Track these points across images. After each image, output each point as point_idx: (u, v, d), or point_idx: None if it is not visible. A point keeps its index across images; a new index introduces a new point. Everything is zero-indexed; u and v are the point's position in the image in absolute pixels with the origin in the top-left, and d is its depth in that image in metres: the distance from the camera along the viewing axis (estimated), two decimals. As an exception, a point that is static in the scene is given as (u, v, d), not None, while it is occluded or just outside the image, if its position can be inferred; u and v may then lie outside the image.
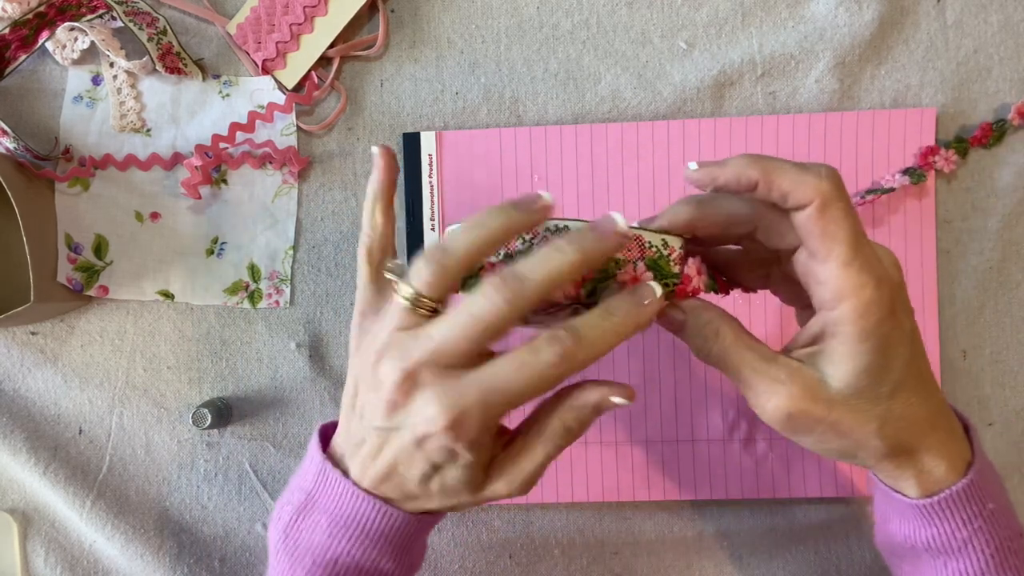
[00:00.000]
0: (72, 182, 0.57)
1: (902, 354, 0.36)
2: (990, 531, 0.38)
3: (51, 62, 0.57)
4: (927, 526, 0.39)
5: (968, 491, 0.38)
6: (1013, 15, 0.56)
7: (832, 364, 0.36)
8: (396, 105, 0.58)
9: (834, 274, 0.34)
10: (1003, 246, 0.56)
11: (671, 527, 0.57)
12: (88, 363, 0.58)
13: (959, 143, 0.54)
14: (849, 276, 0.34)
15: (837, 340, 0.35)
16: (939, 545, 0.39)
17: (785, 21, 0.56)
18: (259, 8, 0.56)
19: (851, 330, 0.35)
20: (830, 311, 0.35)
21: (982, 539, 0.38)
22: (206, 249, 0.57)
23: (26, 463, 0.56)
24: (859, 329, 0.34)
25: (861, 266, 0.34)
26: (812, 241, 0.35)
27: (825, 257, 0.34)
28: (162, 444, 0.58)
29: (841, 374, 0.35)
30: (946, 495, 0.37)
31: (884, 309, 0.34)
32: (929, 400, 0.37)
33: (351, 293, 0.57)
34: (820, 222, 0.34)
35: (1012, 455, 0.56)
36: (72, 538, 0.57)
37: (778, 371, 0.36)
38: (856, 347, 0.35)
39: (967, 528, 0.38)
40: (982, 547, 0.38)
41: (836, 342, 0.35)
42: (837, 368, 0.36)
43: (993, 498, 0.38)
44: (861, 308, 0.34)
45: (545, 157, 0.56)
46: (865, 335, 0.34)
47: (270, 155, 0.57)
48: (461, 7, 0.57)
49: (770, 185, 0.35)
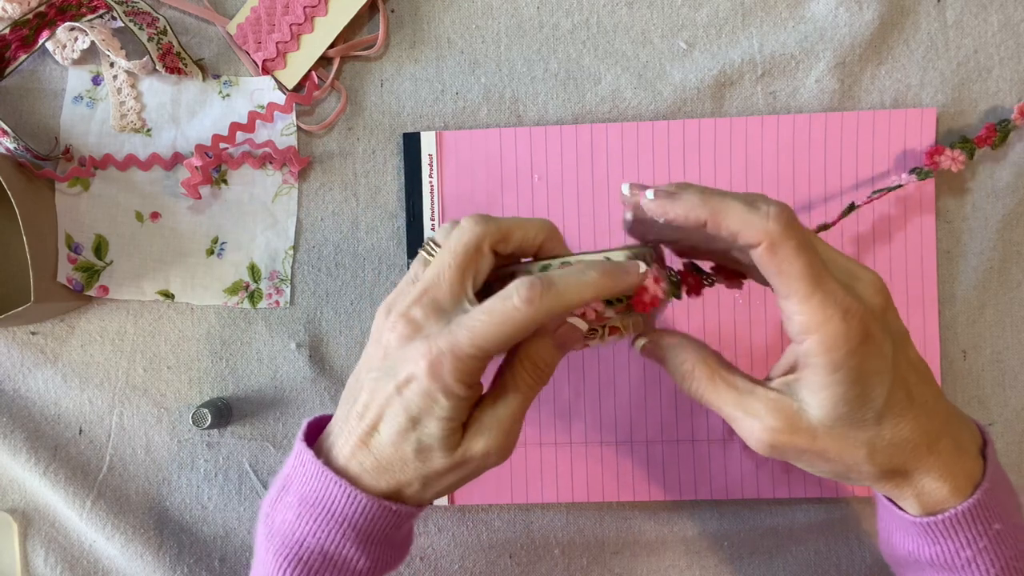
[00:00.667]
0: (72, 182, 0.57)
1: (882, 381, 0.35)
2: (996, 551, 0.38)
3: (51, 62, 0.57)
4: (930, 544, 0.38)
5: (972, 512, 0.37)
6: (1013, 15, 0.56)
7: (809, 393, 0.36)
8: (396, 105, 0.58)
9: (795, 310, 0.34)
10: (1003, 246, 0.56)
11: (671, 527, 0.57)
12: (88, 363, 0.58)
13: (964, 143, 0.54)
14: (811, 311, 0.34)
15: (810, 371, 0.35)
16: (943, 562, 0.38)
17: (785, 21, 0.56)
18: (259, 8, 0.56)
19: (821, 362, 0.34)
20: (799, 344, 0.35)
21: (987, 559, 0.38)
22: (206, 249, 0.57)
23: (26, 463, 0.56)
24: (828, 361, 0.34)
25: (822, 300, 0.34)
26: (770, 278, 0.35)
27: (785, 294, 0.34)
28: (162, 444, 0.58)
29: (818, 403, 0.36)
30: (949, 515, 0.37)
31: (853, 340, 0.34)
32: (926, 422, 0.37)
33: (351, 293, 0.58)
34: (772, 262, 0.34)
35: (1012, 455, 0.56)
36: (72, 538, 0.57)
37: (756, 404, 0.37)
38: (828, 378, 0.35)
39: (971, 548, 0.38)
40: (987, 566, 0.38)
41: (809, 372, 0.35)
42: (814, 397, 0.36)
43: (1002, 516, 0.38)
44: (828, 341, 0.34)
45: (545, 157, 0.56)
46: (835, 367, 0.34)
47: (270, 155, 0.57)
48: (461, 7, 0.57)
49: (718, 226, 0.35)
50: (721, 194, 0.35)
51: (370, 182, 0.58)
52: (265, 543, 0.40)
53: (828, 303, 0.34)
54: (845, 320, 0.34)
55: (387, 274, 0.57)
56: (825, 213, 0.55)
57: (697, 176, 0.56)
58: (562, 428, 0.56)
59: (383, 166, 0.58)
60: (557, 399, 0.56)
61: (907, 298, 0.55)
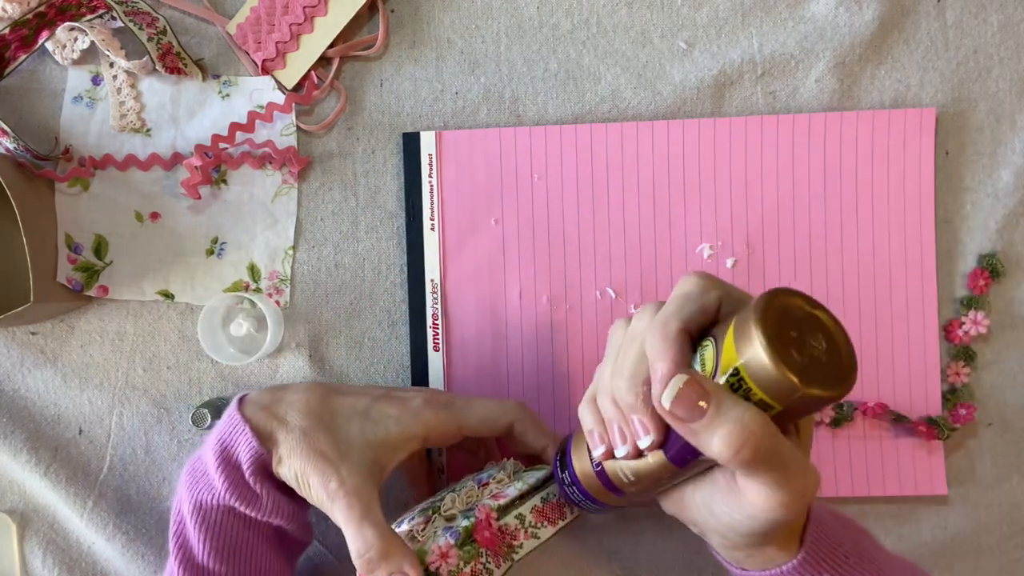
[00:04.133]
0: (72, 182, 0.57)
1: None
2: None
3: (51, 62, 0.57)
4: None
5: (800, 568, 0.39)
6: (1013, 15, 0.56)
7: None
8: (396, 105, 0.58)
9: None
10: (1003, 246, 0.56)
11: (671, 527, 0.56)
12: (88, 363, 0.58)
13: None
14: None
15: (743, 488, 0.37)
16: None
17: (785, 21, 0.56)
18: (259, 8, 0.56)
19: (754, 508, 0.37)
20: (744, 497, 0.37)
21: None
22: (206, 249, 0.57)
23: (26, 463, 0.56)
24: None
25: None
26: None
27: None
28: (162, 444, 0.58)
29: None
30: (780, 571, 0.39)
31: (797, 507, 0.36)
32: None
33: (351, 293, 0.57)
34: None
35: (1012, 455, 0.56)
36: (70, 539, 0.57)
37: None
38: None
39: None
40: None
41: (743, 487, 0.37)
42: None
43: (832, 558, 0.40)
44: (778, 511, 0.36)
45: (545, 157, 0.56)
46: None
47: (270, 155, 0.57)
48: (461, 7, 0.57)
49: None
50: None
51: (370, 182, 0.58)
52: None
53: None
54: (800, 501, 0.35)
55: (387, 274, 0.57)
56: (824, 212, 0.55)
57: (697, 176, 0.56)
58: (562, 428, 0.56)
59: (383, 166, 0.58)
60: (557, 399, 0.56)
61: (907, 298, 0.55)
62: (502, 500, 0.44)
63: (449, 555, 0.42)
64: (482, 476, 0.48)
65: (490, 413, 0.48)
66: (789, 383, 0.31)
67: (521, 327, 0.56)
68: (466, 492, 0.46)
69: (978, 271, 0.55)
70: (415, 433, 0.46)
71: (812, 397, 0.31)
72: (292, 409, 0.46)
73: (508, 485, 0.46)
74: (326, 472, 0.43)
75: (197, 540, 0.45)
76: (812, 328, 0.33)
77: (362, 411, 0.46)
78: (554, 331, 0.56)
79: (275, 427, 0.45)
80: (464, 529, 0.43)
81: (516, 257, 0.56)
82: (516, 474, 0.47)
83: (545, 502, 0.45)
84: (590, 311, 0.56)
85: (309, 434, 0.44)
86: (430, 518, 0.45)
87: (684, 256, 0.56)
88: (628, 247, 0.56)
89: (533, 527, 0.44)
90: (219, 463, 0.45)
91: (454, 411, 0.48)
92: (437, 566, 0.42)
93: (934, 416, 0.55)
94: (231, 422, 0.46)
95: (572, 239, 0.56)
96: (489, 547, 0.43)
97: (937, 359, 0.55)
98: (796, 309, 0.33)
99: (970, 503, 0.56)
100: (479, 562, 0.42)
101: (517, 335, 0.56)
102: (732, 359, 0.32)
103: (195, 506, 0.46)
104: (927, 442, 0.55)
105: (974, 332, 0.55)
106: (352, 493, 0.43)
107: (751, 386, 0.32)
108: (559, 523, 0.45)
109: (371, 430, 0.45)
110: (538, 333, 0.56)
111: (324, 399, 0.47)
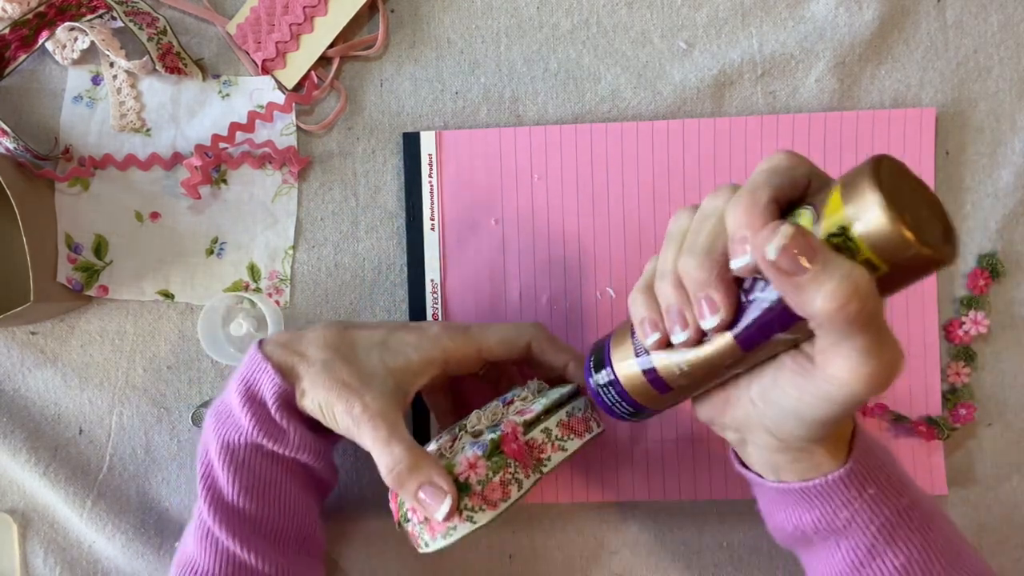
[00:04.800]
0: (72, 182, 0.57)
1: None
2: (872, 511, 0.39)
3: (51, 62, 0.57)
4: (809, 509, 0.40)
5: (848, 476, 0.39)
6: (1013, 15, 0.56)
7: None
8: (396, 105, 0.58)
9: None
10: (1003, 246, 0.56)
11: (671, 527, 0.56)
12: (88, 363, 0.58)
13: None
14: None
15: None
16: (825, 526, 0.40)
17: (785, 21, 0.56)
18: (259, 8, 0.56)
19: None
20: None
21: (865, 517, 0.39)
22: (206, 249, 0.57)
23: (26, 463, 0.56)
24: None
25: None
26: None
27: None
28: (162, 444, 0.58)
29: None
30: (825, 480, 0.39)
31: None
32: None
33: (351, 293, 0.57)
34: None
35: (1012, 455, 0.56)
36: (71, 538, 0.57)
37: None
38: None
39: (848, 508, 0.39)
40: (866, 524, 0.39)
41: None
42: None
43: (876, 478, 0.39)
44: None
45: (545, 157, 0.56)
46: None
47: (270, 155, 0.57)
48: (461, 7, 0.57)
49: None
50: None
51: (370, 182, 0.58)
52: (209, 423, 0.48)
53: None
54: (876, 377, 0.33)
55: (387, 274, 0.57)
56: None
57: (697, 176, 0.56)
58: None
59: (383, 166, 0.58)
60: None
61: (907, 298, 0.55)
62: (528, 416, 0.44)
63: (478, 465, 0.42)
64: (507, 396, 0.48)
65: (508, 334, 0.49)
66: (903, 239, 0.29)
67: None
68: (491, 411, 0.46)
69: (978, 271, 0.55)
70: (435, 357, 0.47)
71: (922, 258, 0.30)
72: (311, 344, 0.46)
73: (533, 402, 0.46)
74: (350, 399, 0.43)
75: (226, 480, 0.45)
76: (917, 192, 0.32)
77: (380, 341, 0.47)
78: (554, 331, 0.56)
79: (296, 362, 0.45)
80: (491, 441, 0.42)
81: (516, 257, 0.56)
82: (540, 391, 0.47)
83: (571, 416, 0.45)
84: (590, 311, 0.56)
85: (330, 365, 0.45)
86: (457, 436, 0.45)
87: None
88: (628, 247, 0.56)
89: (560, 440, 0.44)
90: (244, 401, 0.45)
91: (471, 335, 0.48)
92: (466, 476, 0.41)
93: (934, 416, 0.55)
94: (253, 361, 0.46)
95: (572, 239, 0.56)
96: (517, 458, 0.42)
97: (937, 359, 0.55)
98: (904, 172, 0.32)
99: (970, 503, 0.56)
100: (508, 472, 0.42)
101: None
102: (838, 218, 0.31)
103: (222, 445, 0.46)
104: (927, 442, 0.55)
105: (974, 332, 0.55)
106: (377, 415, 0.43)
107: (859, 245, 0.30)
108: (586, 435, 0.45)
109: (391, 358, 0.46)
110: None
111: (342, 333, 0.47)
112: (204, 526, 0.45)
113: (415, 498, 0.42)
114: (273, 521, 0.46)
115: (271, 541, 0.46)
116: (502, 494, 0.42)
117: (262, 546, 0.45)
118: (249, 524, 0.45)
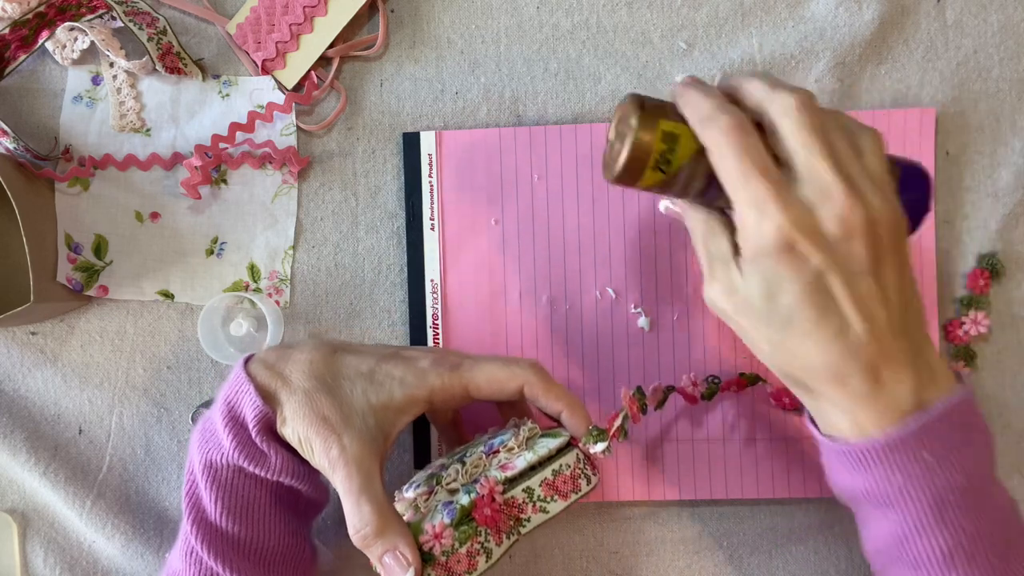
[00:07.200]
0: (72, 182, 0.57)
1: (788, 290, 0.37)
2: (926, 482, 0.38)
3: (51, 62, 0.57)
4: (863, 472, 0.39)
5: (899, 441, 0.38)
6: (1013, 15, 0.56)
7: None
8: (396, 105, 0.58)
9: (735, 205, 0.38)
10: (1003, 246, 0.56)
11: (671, 527, 0.57)
12: (88, 363, 0.58)
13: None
14: (738, 208, 0.38)
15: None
16: (876, 492, 0.40)
17: (785, 21, 0.56)
18: (259, 8, 0.56)
19: (743, 248, 0.38)
20: None
21: (918, 486, 0.38)
22: (206, 249, 0.57)
23: (26, 463, 0.56)
24: (745, 250, 0.38)
25: (747, 200, 0.37)
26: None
27: (730, 189, 0.38)
28: (162, 444, 0.58)
29: (739, 282, 0.39)
30: (873, 442, 0.39)
31: (767, 242, 0.36)
32: (834, 352, 0.38)
33: (351, 293, 0.58)
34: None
35: (1012, 455, 0.56)
36: (71, 538, 0.57)
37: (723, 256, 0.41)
38: (744, 265, 0.39)
39: (901, 474, 0.39)
40: (919, 494, 0.39)
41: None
42: (742, 277, 0.39)
43: (939, 451, 0.38)
44: (743, 234, 0.38)
45: (545, 157, 0.56)
46: (747, 258, 0.38)
47: (270, 155, 0.57)
48: (461, 7, 0.57)
49: None
50: None
51: (370, 182, 0.58)
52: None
53: (750, 205, 0.37)
54: (759, 224, 0.36)
55: (387, 274, 0.57)
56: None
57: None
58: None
59: (383, 166, 0.58)
60: (557, 399, 0.56)
61: (907, 298, 0.55)
62: (510, 472, 0.43)
63: (443, 536, 0.41)
64: (493, 442, 0.46)
65: (498, 374, 0.47)
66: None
67: (521, 327, 0.56)
68: (472, 461, 0.45)
69: (978, 271, 0.55)
70: (419, 397, 0.46)
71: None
72: (296, 369, 0.45)
73: (518, 455, 0.44)
74: (328, 439, 0.43)
75: (209, 500, 0.45)
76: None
77: (366, 373, 0.46)
78: (554, 331, 0.56)
79: (279, 387, 0.45)
80: (461, 508, 0.42)
81: (516, 257, 0.56)
82: (529, 441, 0.45)
83: (557, 474, 0.43)
84: (590, 311, 0.56)
85: (312, 396, 0.44)
86: (433, 489, 0.44)
87: (685, 256, 0.56)
88: (628, 247, 0.56)
89: (542, 500, 0.43)
90: (226, 422, 0.45)
91: (461, 373, 0.47)
92: (431, 546, 0.41)
93: (934, 416, 0.55)
94: (236, 380, 0.45)
95: (572, 239, 0.56)
96: (489, 524, 0.42)
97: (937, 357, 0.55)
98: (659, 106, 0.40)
99: (970, 503, 0.56)
100: (476, 541, 0.41)
101: (517, 335, 0.56)
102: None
103: (206, 464, 0.45)
104: (927, 442, 0.55)
105: (974, 332, 0.55)
106: (353, 463, 0.43)
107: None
108: (571, 496, 0.43)
109: (374, 393, 0.45)
110: (538, 333, 0.56)
111: (329, 359, 0.46)
112: (188, 544, 0.45)
113: (379, 562, 0.42)
114: (257, 542, 0.45)
115: (255, 562, 0.45)
116: (468, 565, 0.41)
117: (246, 567, 0.45)
118: (232, 545, 0.45)
